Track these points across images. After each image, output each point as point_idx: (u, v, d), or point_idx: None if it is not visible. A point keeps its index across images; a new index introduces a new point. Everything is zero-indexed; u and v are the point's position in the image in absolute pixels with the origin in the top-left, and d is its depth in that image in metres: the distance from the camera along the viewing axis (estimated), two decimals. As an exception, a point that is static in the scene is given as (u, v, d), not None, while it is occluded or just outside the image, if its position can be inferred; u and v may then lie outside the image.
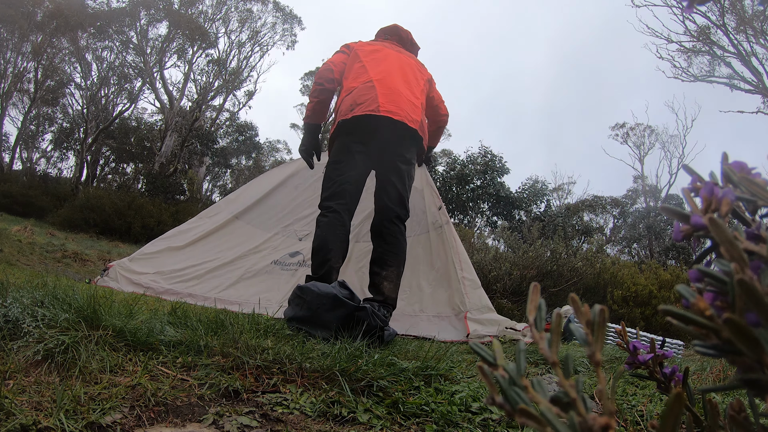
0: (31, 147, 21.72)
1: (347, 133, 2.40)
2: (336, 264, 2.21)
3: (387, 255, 2.29)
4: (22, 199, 13.46)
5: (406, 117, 2.36)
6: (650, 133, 22.54)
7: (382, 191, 2.38)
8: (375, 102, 2.34)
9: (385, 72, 2.50)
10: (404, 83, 2.50)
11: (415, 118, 2.42)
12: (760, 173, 0.37)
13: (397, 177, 2.35)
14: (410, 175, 2.43)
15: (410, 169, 2.43)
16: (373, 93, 2.38)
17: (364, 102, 2.36)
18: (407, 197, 2.39)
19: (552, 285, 8.69)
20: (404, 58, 2.68)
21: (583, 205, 19.92)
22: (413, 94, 2.50)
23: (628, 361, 0.59)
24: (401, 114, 2.36)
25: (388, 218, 2.32)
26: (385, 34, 2.92)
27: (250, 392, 1.15)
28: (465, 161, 19.11)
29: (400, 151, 2.38)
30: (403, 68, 2.58)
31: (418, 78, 2.63)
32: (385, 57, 2.60)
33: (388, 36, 2.90)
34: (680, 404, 0.29)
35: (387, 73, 2.49)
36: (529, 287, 0.35)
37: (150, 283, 3.28)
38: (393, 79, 2.47)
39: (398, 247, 2.31)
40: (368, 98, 2.36)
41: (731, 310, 0.30)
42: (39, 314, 1.24)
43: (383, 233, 2.32)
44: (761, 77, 14.02)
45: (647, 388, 1.57)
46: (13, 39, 16.50)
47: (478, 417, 1.14)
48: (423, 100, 2.60)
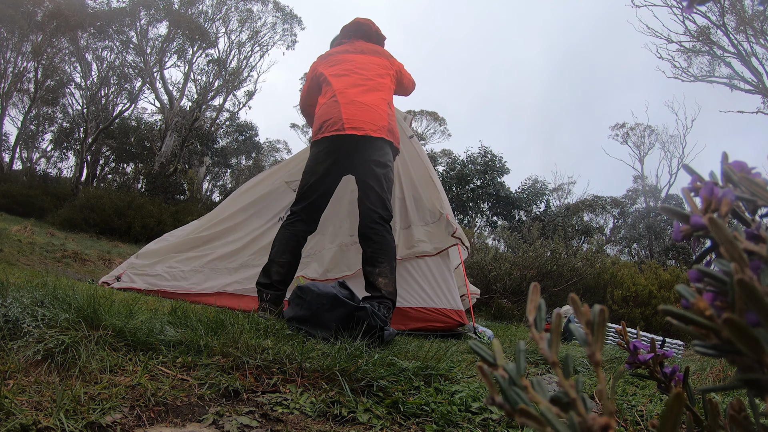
0: (31, 147, 21.73)
1: (318, 147, 2.61)
2: (276, 277, 2.45)
3: (377, 253, 2.38)
4: (22, 199, 13.46)
5: (370, 129, 2.50)
6: (650, 133, 22.56)
7: (363, 196, 2.52)
8: (339, 120, 2.51)
9: (348, 83, 2.64)
10: (366, 90, 2.63)
11: (381, 124, 2.54)
12: (760, 173, 0.38)
13: (375, 181, 2.48)
14: (388, 178, 2.53)
15: (387, 172, 2.54)
16: (337, 109, 2.54)
17: (330, 120, 2.54)
18: (388, 198, 2.50)
19: (552, 285, 8.69)
20: (367, 60, 2.76)
21: (583, 205, 19.92)
22: (377, 98, 2.62)
23: (628, 360, 0.59)
24: (365, 128, 2.50)
25: (372, 220, 2.44)
26: (348, 33, 2.96)
27: (250, 392, 1.15)
28: (465, 161, 19.11)
29: (374, 157, 2.50)
30: (365, 73, 2.70)
31: (383, 74, 2.73)
32: (348, 68, 2.72)
33: (352, 34, 2.95)
34: (680, 404, 0.29)
35: (349, 85, 2.63)
36: (529, 287, 0.35)
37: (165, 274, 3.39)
38: (355, 91, 2.61)
39: (386, 244, 2.40)
40: (333, 116, 2.53)
41: (731, 310, 0.30)
42: (39, 314, 1.24)
43: (369, 235, 2.43)
44: (761, 77, 14.02)
45: (647, 388, 1.57)
46: (13, 39, 16.50)
47: (478, 417, 1.15)
48: (389, 97, 2.71)
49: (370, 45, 2.88)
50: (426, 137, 25.96)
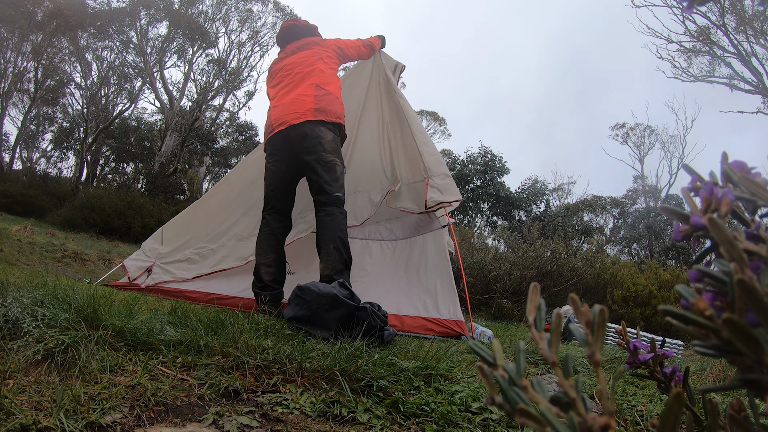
0: (31, 147, 21.72)
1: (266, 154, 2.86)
2: (268, 277, 2.58)
3: (319, 239, 2.53)
4: (22, 198, 13.46)
5: (292, 119, 2.66)
6: (650, 133, 22.56)
7: (309, 188, 2.71)
8: (270, 125, 2.78)
9: (277, 90, 2.88)
10: (291, 88, 2.81)
11: (304, 110, 2.67)
12: (760, 173, 0.38)
13: (312, 172, 2.63)
14: (322, 161, 2.61)
15: (319, 156, 2.61)
16: (269, 117, 2.83)
17: (266, 128, 2.85)
18: (328, 180, 2.60)
19: (552, 285, 8.69)
20: (295, 59, 2.92)
21: (583, 205, 19.91)
22: (303, 87, 2.77)
23: (628, 360, 0.59)
24: (289, 120, 2.68)
25: (316, 209, 2.63)
26: (281, 42, 3.15)
27: (250, 392, 1.15)
28: (465, 161, 19.11)
29: (307, 147, 2.64)
30: (293, 71, 2.87)
31: (313, 62, 2.86)
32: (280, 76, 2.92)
33: (284, 42, 3.12)
34: (680, 404, 0.29)
35: (278, 91, 2.87)
36: (529, 287, 0.35)
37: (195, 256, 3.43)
38: (281, 93, 2.83)
39: (327, 227, 2.52)
40: (268, 124, 2.83)
41: (731, 310, 0.30)
42: (39, 314, 1.24)
43: (317, 221, 2.61)
44: (761, 77, 14.02)
45: (647, 388, 1.57)
46: (13, 39, 16.49)
47: (478, 417, 1.15)
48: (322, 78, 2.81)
49: (300, 42, 3.01)
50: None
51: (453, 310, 3.16)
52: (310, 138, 2.63)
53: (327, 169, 2.60)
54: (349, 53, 3.15)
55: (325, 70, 2.85)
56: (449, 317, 3.14)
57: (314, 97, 2.71)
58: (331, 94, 2.78)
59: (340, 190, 2.60)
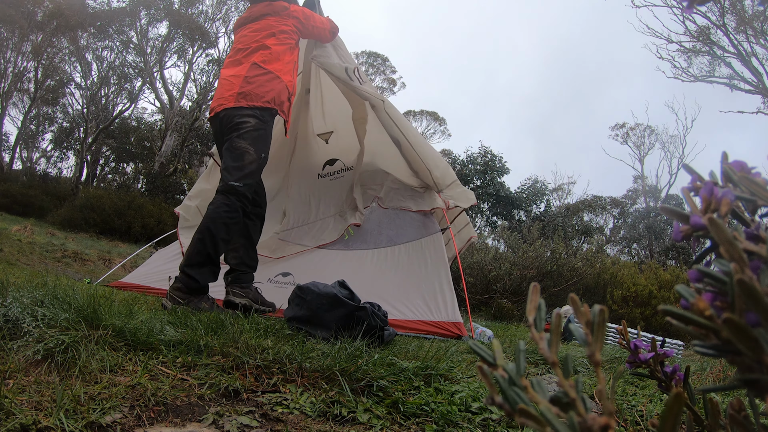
0: (31, 147, 21.72)
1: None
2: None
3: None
4: (22, 198, 13.46)
5: (217, 106, 2.60)
6: (650, 133, 22.58)
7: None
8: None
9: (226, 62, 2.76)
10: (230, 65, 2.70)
11: (229, 94, 2.56)
12: (760, 173, 0.38)
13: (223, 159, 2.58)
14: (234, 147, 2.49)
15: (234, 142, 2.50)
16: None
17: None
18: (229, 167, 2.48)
19: (552, 285, 8.69)
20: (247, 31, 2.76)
21: (583, 205, 19.91)
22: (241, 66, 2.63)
23: (629, 359, 0.59)
24: (215, 107, 2.62)
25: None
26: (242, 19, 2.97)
27: (250, 392, 1.15)
28: (465, 161, 19.11)
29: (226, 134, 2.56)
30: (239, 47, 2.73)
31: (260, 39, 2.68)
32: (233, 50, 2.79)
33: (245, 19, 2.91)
34: (680, 403, 0.29)
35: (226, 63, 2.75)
36: (529, 287, 0.35)
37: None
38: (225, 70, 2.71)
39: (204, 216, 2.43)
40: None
41: (731, 310, 0.30)
42: (39, 314, 1.24)
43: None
44: (761, 77, 14.02)
45: (647, 388, 1.57)
46: (13, 38, 16.49)
47: (478, 417, 1.15)
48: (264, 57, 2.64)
49: (258, 8, 2.80)
50: (426, 137, 26.00)
51: (451, 313, 3.16)
52: (227, 125, 2.55)
53: (234, 156, 2.47)
54: (313, 32, 2.94)
55: (272, 47, 2.67)
56: (447, 319, 3.14)
57: (244, 78, 2.56)
58: (270, 73, 2.62)
59: (241, 179, 2.44)
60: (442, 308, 3.17)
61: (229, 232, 2.41)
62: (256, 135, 2.50)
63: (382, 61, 25.08)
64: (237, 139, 2.47)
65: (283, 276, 3.47)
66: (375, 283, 3.25)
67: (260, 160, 2.52)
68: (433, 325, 3.09)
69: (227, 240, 2.42)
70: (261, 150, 2.53)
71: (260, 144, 2.52)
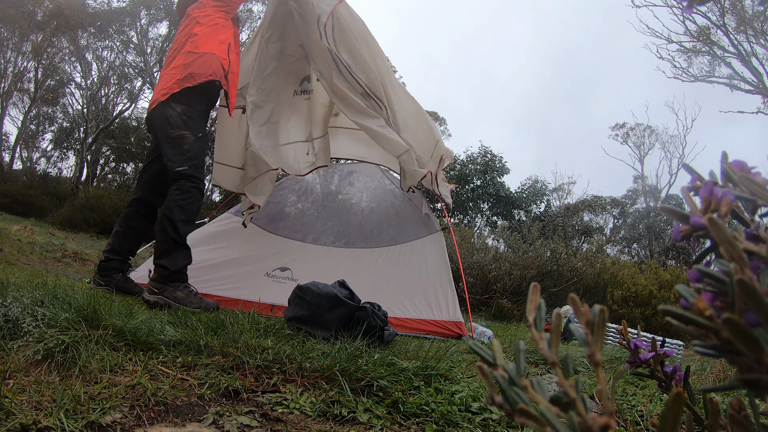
0: (31, 147, 21.71)
1: None
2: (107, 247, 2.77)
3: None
4: (22, 198, 13.46)
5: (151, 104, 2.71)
6: (650, 133, 22.56)
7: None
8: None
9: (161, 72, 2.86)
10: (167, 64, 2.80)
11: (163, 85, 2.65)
12: (760, 172, 0.38)
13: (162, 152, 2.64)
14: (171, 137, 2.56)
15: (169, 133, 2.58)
16: None
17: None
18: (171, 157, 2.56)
19: (552, 285, 8.69)
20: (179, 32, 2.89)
21: (583, 205, 19.91)
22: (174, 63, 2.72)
23: (629, 359, 0.59)
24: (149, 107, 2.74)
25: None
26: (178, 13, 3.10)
27: (250, 392, 1.15)
28: (465, 161, 19.12)
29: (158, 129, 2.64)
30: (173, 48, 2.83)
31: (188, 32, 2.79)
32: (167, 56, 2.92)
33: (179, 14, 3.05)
34: (680, 403, 0.29)
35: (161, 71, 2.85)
36: (529, 287, 0.35)
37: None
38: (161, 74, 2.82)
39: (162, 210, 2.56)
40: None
41: (731, 310, 0.30)
42: (39, 314, 1.24)
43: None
44: (761, 77, 14.02)
45: (647, 388, 1.57)
46: (13, 38, 16.50)
47: (478, 417, 1.15)
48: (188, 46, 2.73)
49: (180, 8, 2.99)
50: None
51: (452, 312, 3.17)
52: (159, 121, 2.62)
53: (172, 146, 2.56)
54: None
55: (199, 32, 2.77)
56: (449, 318, 3.15)
57: (182, 67, 2.66)
58: (204, 55, 2.69)
59: (185, 163, 2.52)
60: (443, 307, 3.18)
61: (186, 212, 2.48)
62: (186, 118, 2.60)
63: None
64: (171, 130, 2.57)
65: (281, 271, 3.46)
66: (376, 282, 3.25)
67: (198, 140, 2.61)
68: (434, 324, 3.10)
69: (187, 220, 2.50)
70: (197, 129, 2.62)
71: (194, 124, 2.61)
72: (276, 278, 3.37)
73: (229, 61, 2.77)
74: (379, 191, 3.80)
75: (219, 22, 2.84)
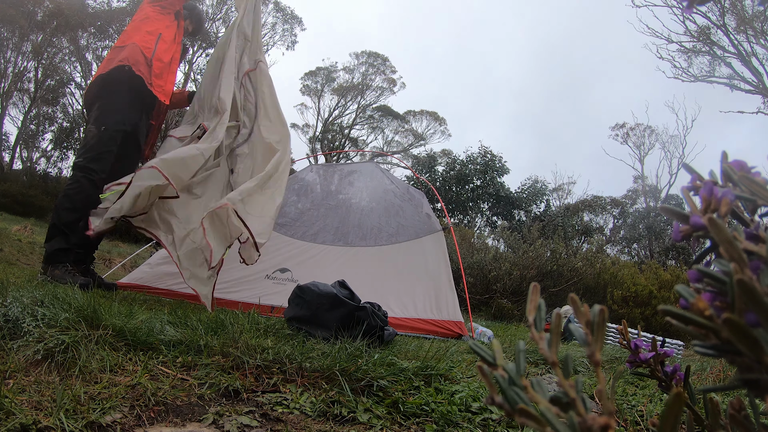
0: (31, 146, 21.69)
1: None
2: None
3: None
4: (22, 198, 13.45)
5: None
6: (650, 133, 22.56)
7: None
8: None
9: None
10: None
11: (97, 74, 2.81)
12: (760, 172, 0.37)
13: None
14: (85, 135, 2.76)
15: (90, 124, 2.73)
16: None
17: None
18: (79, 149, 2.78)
19: (552, 285, 8.69)
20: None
21: (583, 205, 19.90)
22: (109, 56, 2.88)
23: (629, 359, 0.59)
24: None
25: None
26: None
27: (250, 392, 1.15)
28: (465, 161, 19.11)
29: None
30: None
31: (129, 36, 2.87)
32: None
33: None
34: (680, 403, 0.29)
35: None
36: (529, 287, 0.35)
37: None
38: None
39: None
40: None
41: (730, 310, 0.30)
42: (39, 314, 1.24)
43: None
44: (761, 77, 14.02)
45: (647, 388, 1.57)
46: (13, 38, 16.49)
47: (478, 417, 1.15)
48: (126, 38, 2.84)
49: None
50: (426, 137, 26.02)
51: (453, 312, 3.17)
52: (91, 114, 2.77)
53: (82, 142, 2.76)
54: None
55: (127, 28, 2.91)
56: (449, 318, 3.15)
57: (106, 61, 2.79)
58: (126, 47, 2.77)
59: (82, 155, 2.66)
60: (443, 307, 3.18)
61: (71, 200, 2.59)
62: (98, 114, 2.71)
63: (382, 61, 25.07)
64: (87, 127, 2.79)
65: (281, 272, 3.46)
66: (375, 281, 3.25)
67: (101, 133, 2.68)
68: (434, 323, 3.10)
69: (71, 208, 2.58)
70: (103, 122, 2.69)
71: (104, 117, 2.70)
72: (276, 280, 3.36)
73: (154, 49, 2.81)
74: (379, 191, 3.81)
75: (150, 15, 2.90)
